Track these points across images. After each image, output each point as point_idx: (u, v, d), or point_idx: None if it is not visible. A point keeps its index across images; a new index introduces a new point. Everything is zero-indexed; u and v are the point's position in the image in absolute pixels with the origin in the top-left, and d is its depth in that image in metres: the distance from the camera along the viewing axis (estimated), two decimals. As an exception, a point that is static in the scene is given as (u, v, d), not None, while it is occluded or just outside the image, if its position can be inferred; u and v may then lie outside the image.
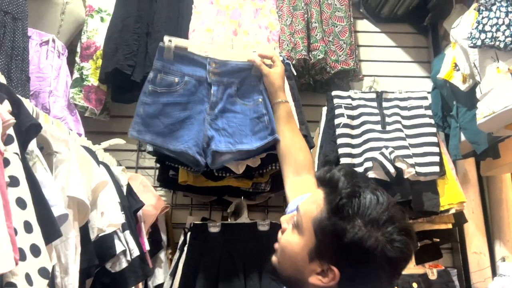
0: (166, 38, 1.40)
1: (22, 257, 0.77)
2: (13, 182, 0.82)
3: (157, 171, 2.14)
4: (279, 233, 0.90)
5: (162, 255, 1.90)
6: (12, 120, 0.81)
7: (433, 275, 1.82)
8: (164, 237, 1.95)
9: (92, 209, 1.25)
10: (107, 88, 2.15)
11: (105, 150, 1.79)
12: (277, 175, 1.91)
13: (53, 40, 1.96)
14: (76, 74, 2.09)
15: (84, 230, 1.20)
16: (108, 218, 1.29)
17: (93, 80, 2.07)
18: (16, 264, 0.72)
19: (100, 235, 1.27)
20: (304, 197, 1.01)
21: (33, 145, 0.99)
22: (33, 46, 1.88)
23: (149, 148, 1.84)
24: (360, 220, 0.75)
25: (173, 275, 1.80)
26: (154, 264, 1.86)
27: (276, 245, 0.90)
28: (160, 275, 1.86)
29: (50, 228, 0.88)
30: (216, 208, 2.25)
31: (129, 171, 1.96)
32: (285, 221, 0.90)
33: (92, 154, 1.38)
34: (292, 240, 0.83)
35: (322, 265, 0.78)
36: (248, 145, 1.41)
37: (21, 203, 0.82)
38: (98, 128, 2.28)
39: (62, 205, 0.97)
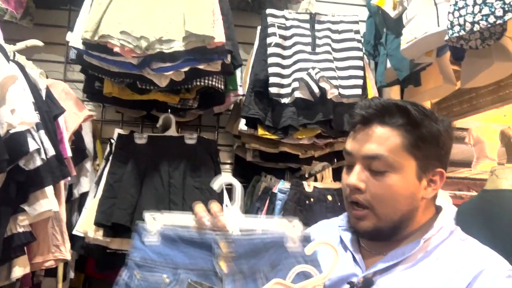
0: (148, 215, 0.81)
1: None
2: None
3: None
4: (359, 198, 0.86)
5: (88, 165, 1.91)
6: None
7: (347, 190, 1.97)
8: (90, 148, 1.94)
9: (1, 104, 1.22)
10: (29, -11, 2.00)
11: (29, 59, 1.71)
12: (205, 92, 1.92)
13: None
14: (-8, -28, 1.92)
15: (-8, 124, 1.17)
16: (19, 115, 1.26)
17: (12, -20, 1.92)
18: None
19: (11, 131, 1.25)
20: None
21: None
22: None
23: (72, 55, 1.78)
24: (431, 119, 0.87)
25: (98, 183, 1.82)
26: (80, 173, 1.87)
27: (362, 212, 0.85)
28: (86, 183, 1.88)
29: None
30: (147, 125, 2.25)
31: (54, 80, 1.89)
32: (359, 181, 0.85)
33: (2, 50, 1.31)
34: (392, 182, 0.84)
35: (427, 176, 0.87)
36: None
37: None
38: (21, 36, 2.10)
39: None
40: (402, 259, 0.84)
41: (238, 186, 0.80)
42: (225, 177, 0.82)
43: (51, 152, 1.36)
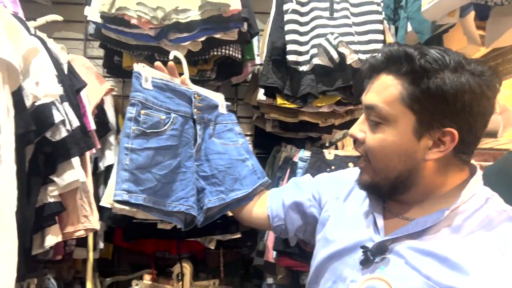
0: (138, 65, 1.03)
1: None
2: None
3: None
4: (357, 148, 0.83)
5: (112, 138, 1.95)
6: None
7: (369, 156, 1.95)
8: (113, 122, 1.98)
9: (25, 77, 1.24)
10: (45, -33, 2.02)
11: (50, 37, 1.73)
12: (222, 62, 1.92)
13: None
14: (9, -50, 1.93)
15: (18, 97, 1.20)
16: (44, 88, 1.29)
17: (28, -42, 1.93)
18: None
19: (36, 104, 1.28)
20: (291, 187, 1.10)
21: None
22: None
23: (91, 30, 1.80)
24: (446, 70, 0.73)
25: (121, 156, 1.86)
26: (104, 146, 1.92)
27: (362, 163, 0.83)
28: (110, 156, 1.93)
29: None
30: (168, 98, 2.27)
31: (75, 55, 1.92)
32: (358, 131, 0.82)
33: (23, 24, 1.33)
34: (386, 135, 0.77)
35: (432, 136, 0.75)
36: (241, 192, 1.11)
37: None
38: (41, 15, 2.16)
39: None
40: (422, 229, 0.76)
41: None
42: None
43: (76, 123, 1.39)
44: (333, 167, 1.90)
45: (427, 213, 0.77)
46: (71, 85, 1.55)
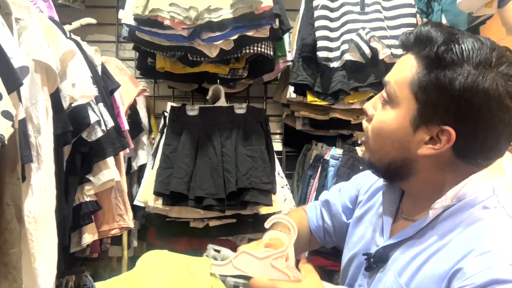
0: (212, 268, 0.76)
1: (-17, 98, 0.81)
2: (-34, 28, 0.83)
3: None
4: (364, 123, 0.79)
5: (144, 138, 1.98)
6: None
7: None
8: (146, 123, 2.01)
9: (62, 79, 1.27)
10: (79, -28, 2.07)
11: (83, 40, 1.77)
12: (254, 60, 1.92)
13: None
14: (44, -43, 1.99)
15: (56, 98, 1.24)
16: (80, 89, 1.32)
17: (63, -37, 1.98)
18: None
19: (73, 105, 1.31)
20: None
21: (-13, 1, 0.98)
22: None
23: (125, 33, 1.83)
24: (467, 64, 0.65)
25: (154, 155, 1.89)
26: (137, 146, 1.95)
27: (364, 138, 0.79)
28: (143, 156, 1.95)
29: (10, 77, 0.91)
30: (197, 98, 2.29)
31: (108, 57, 1.96)
32: (371, 106, 0.77)
33: (60, 27, 1.37)
34: (386, 117, 0.72)
35: (430, 130, 0.68)
36: None
37: (-23, 50, 0.84)
38: (74, 18, 2.21)
39: (22, 57, 0.99)
40: (413, 234, 0.71)
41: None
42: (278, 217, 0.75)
43: (111, 123, 1.42)
44: (366, 165, 1.87)
45: (427, 214, 0.70)
46: (105, 86, 1.58)
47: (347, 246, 0.89)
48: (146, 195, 1.79)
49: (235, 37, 1.59)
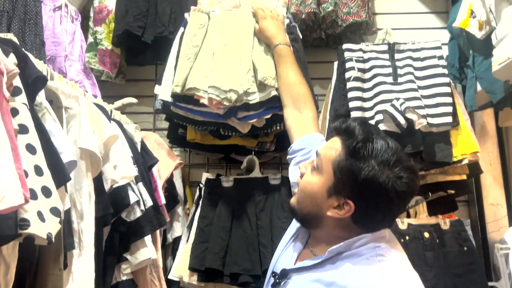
0: None
1: (34, 196, 0.84)
2: (23, 129, 0.88)
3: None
4: (297, 179, 1.04)
5: (180, 209, 1.99)
6: (16, 70, 0.86)
7: (445, 225, 1.83)
8: (181, 193, 2.03)
9: (105, 162, 1.32)
10: (121, 51, 2.20)
11: (123, 112, 1.86)
12: (282, 135, 1.93)
13: (66, 5, 2.01)
14: (90, 39, 2.15)
15: (98, 181, 1.27)
16: (121, 170, 1.36)
17: (106, 44, 2.12)
18: (26, 201, 0.78)
19: (114, 186, 1.34)
20: (312, 139, 1.28)
21: (41, 98, 1.04)
22: (47, 11, 1.93)
23: (158, 105, 1.89)
24: (373, 161, 0.87)
25: (189, 227, 1.89)
26: (172, 218, 1.95)
27: (295, 190, 1.03)
28: (178, 228, 1.95)
29: (60, 172, 0.94)
30: (232, 166, 2.30)
31: (147, 132, 2.04)
32: (304, 166, 1.02)
33: (104, 111, 1.43)
34: (311, 180, 0.96)
35: (339, 200, 0.91)
36: None
37: (31, 149, 0.89)
38: (115, 92, 2.34)
39: (70, 152, 1.03)
40: (312, 265, 0.94)
41: None
42: None
43: (149, 203, 1.44)
44: (407, 237, 1.80)
45: (325, 252, 0.93)
46: (144, 162, 1.62)
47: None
48: (181, 270, 1.77)
49: (268, 116, 1.63)
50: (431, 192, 1.99)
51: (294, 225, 1.14)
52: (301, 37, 1.85)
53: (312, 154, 1.21)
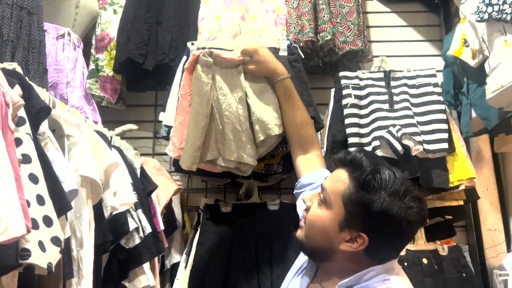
0: None
1: (35, 226, 0.85)
2: (26, 159, 0.90)
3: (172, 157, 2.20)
4: (303, 212, 1.04)
5: (178, 235, 1.98)
6: (21, 102, 0.88)
7: (443, 251, 1.83)
8: (179, 218, 2.03)
9: (105, 189, 1.33)
10: (122, 77, 2.24)
11: (122, 137, 1.87)
12: (289, 156, 1.94)
13: (69, 34, 2.05)
14: (92, 66, 2.18)
15: (98, 209, 1.28)
16: (120, 197, 1.37)
17: (108, 71, 2.16)
18: (28, 231, 0.79)
19: (113, 213, 1.35)
20: (320, 174, 1.26)
21: (44, 127, 1.06)
22: (50, 39, 1.98)
23: (163, 133, 1.91)
24: (384, 192, 0.88)
25: (188, 253, 1.88)
26: (170, 244, 1.95)
27: (302, 223, 1.02)
28: (177, 254, 1.94)
29: (61, 201, 0.96)
30: (230, 191, 2.31)
31: (146, 158, 2.05)
32: (308, 199, 1.01)
33: (104, 138, 1.45)
34: (321, 214, 0.95)
35: (351, 233, 0.91)
36: None
37: (33, 179, 0.90)
38: (115, 117, 2.36)
39: (72, 181, 1.05)
40: None
41: None
42: None
43: (148, 229, 1.44)
44: (405, 264, 1.79)
45: (335, 286, 0.93)
46: (144, 188, 1.63)
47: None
48: (178, 297, 1.75)
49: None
50: (428, 218, 2.00)
51: (302, 257, 1.13)
52: (302, 56, 1.85)
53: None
